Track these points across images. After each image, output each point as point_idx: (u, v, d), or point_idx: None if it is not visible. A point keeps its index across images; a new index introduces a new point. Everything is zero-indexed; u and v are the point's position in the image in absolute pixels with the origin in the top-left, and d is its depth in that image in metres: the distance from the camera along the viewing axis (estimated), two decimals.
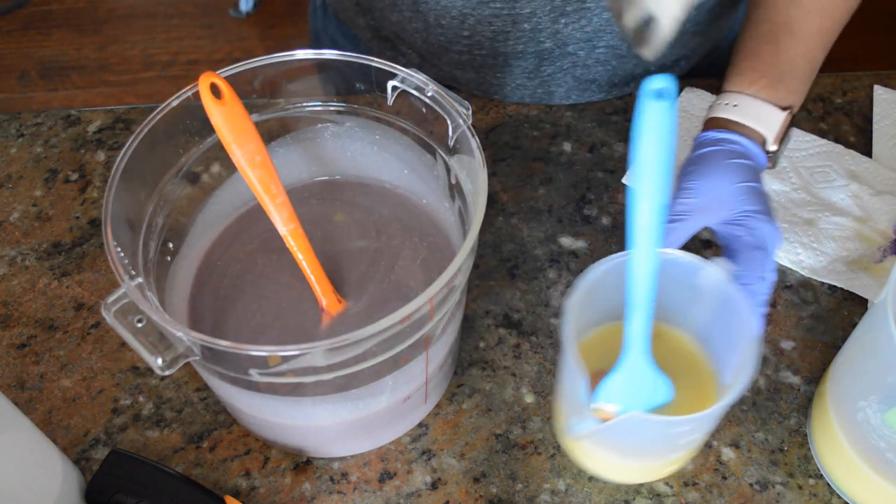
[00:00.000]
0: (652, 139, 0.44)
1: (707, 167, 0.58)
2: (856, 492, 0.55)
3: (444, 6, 0.69)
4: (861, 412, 0.50)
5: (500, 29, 0.70)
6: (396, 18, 0.74)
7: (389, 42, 0.80)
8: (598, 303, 0.53)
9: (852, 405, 0.51)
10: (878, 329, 0.48)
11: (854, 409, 0.51)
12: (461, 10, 0.69)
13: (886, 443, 0.49)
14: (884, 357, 0.47)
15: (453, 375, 0.61)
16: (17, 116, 0.78)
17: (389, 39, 0.80)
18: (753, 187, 0.57)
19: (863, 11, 0.69)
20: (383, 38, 0.80)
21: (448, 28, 0.72)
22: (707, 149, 0.59)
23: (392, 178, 0.61)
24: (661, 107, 0.44)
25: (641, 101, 0.44)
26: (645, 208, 0.46)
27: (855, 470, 0.53)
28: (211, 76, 0.48)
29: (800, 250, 0.67)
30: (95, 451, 0.58)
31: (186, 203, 0.57)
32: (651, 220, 0.46)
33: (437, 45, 0.75)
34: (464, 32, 0.72)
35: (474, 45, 0.73)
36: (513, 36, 0.71)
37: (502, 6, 0.68)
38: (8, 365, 0.62)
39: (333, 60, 0.54)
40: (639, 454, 0.52)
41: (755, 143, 0.60)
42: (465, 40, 0.73)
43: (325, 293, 0.53)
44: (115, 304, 0.43)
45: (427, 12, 0.71)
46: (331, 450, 0.58)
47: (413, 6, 0.71)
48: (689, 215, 0.56)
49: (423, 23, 0.72)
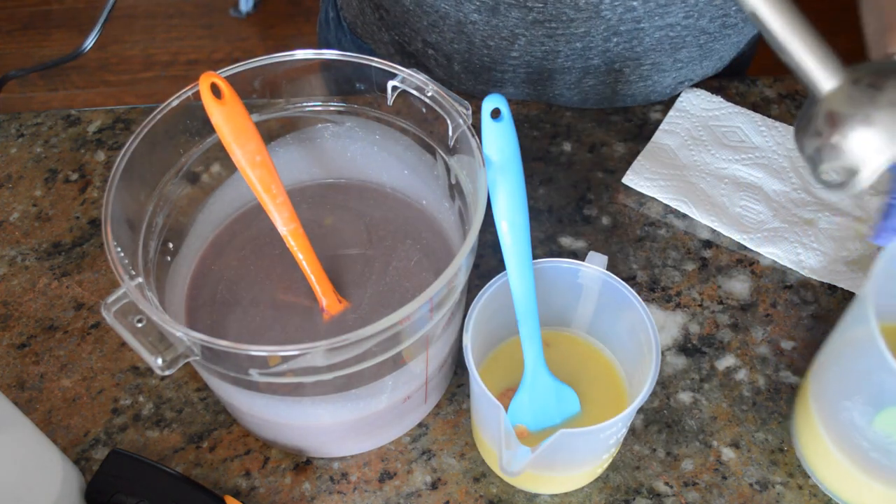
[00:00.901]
0: (496, 159, 0.47)
1: None
2: (838, 488, 0.55)
3: (495, 26, 0.67)
4: (846, 412, 0.50)
5: (551, 49, 0.69)
6: (436, 39, 0.72)
7: (414, 58, 0.78)
8: (497, 321, 0.55)
9: (836, 405, 0.51)
10: (860, 324, 0.47)
11: (838, 409, 0.51)
12: (513, 30, 0.67)
13: (870, 443, 0.49)
14: (867, 355, 0.47)
15: (453, 375, 0.61)
16: (17, 116, 0.78)
17: (415, 55, 0.78)
18: None
19: None
20: (408, 53, 0.78)
21: (496, 49, 0.70)
22: None
23: (392, 178, 0.61)
24: (500, 127, 0.46)
25: (482, 123, 0.46)
26: (504, 228, 0.48)
27: (836, 465, 0.53)
28: (211, 76, 0.48)
29: (800, 250, 0.67)
30: (95, 451, 0.58)
31: (186, 203, 0.57)
32: (513, 238, 0.49)
33: (479, 66, 0.73)
34: (513, 53, 0.70)
35: (521, 64, 0.72)
36: (563, 55, 0.70)
37: (557, 26, 0.66)
38: (8, 365, 0.62)
39: (333, 60, 0.54)
40: (577, 464, 0.53)
41: None
42: (512, 60, 0.71)
43: (325, 293, 0.53)
44: (115, 304, 0.43)
45: (473, 33, 0.69)
46: (331, 450, 0.58)
47: (457, 27, 0.68)
48: None
49: (468, 44, 0.70)
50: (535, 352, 0.53)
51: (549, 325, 0.58)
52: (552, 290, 0.55)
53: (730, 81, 0.79)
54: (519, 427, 0.54)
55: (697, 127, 0.75)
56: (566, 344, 0.59)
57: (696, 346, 0.63)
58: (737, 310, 0.65)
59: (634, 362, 0.54)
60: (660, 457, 0.58)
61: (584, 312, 0.57)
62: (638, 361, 0.53)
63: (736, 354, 0.62)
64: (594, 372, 0.57)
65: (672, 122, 0.75)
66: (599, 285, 0.54)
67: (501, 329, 0.57)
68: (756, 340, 0.63)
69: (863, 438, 0.50)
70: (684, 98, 0.77)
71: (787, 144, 0.74)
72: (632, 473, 0.57)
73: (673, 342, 0.63)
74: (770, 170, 0.72)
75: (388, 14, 0.75)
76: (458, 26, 0.69)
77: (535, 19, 0.66)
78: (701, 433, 0.59)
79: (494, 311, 0.53)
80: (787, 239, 0.68)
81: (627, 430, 0.56)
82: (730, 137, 0.74)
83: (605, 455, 0.53)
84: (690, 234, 0.69)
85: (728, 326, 0.64)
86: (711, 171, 0.72)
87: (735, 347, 0.63)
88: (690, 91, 0.77)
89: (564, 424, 0.54)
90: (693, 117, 0.76)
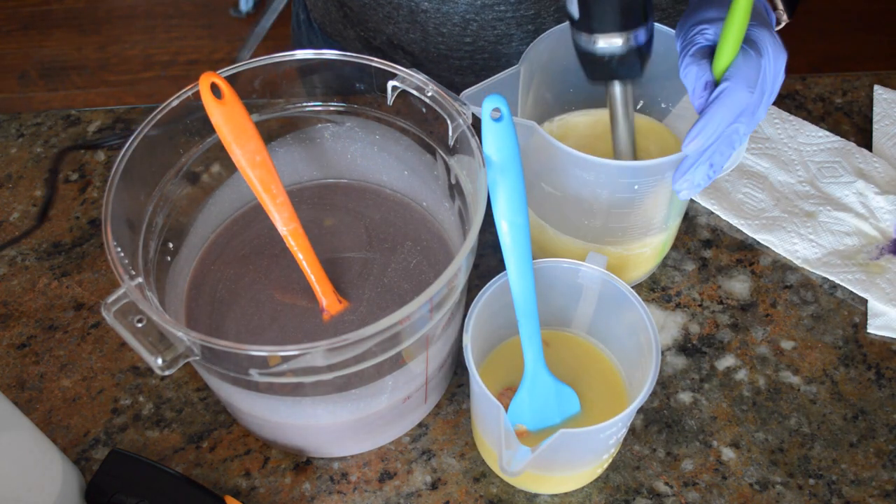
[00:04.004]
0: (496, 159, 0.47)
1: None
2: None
3: (446, 13, 0.68)
4: None
5: (503, 32, 0.70)
6: (392, 30, 0.73)
7: (381, 52, 0.80)
8: (498, 321, 0.55)
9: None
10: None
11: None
12: (463, 16, 0.68)
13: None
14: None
15: (453, 375, 0.61)
16: (17, 116, 0.78)
17: (381, 49, 0.79)
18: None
19: (863, 11, 0.69)
20: (374, 48, 0.80)
21: (449, 36, 0.71)
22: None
23: (391, 178, 0.61)
24: (500, 127, 0.46)
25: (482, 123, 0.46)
26: (504, 228, 0.48)
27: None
28: (211, 76, 0.48)
29: (796, 240, 0.68)
30: (95, 451, 0.58)
31: (186, 203, 0.57)
32: (513, 238, 0.49)
33: (436, 54, 0.74)
34: (466, 39, 0.71)
35: (476, 50, 0.73)
36: (517, 38, 0.71)
37: (506, 9, 0.67)
38: (8, 365, 0.62)
39: (333, 60, 0.54)
40: (577, 464, 0.53)
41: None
42: (466, 46, 0.72)
43: (325, 293, 0.53)
44: (115, 304, 0.43)
45: (426, 22, 0.70)
46: (331, 450, 0.58)
47: (410, 17, 0.70)
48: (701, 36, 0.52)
49: (422, 32, 0.72)
50: (535, 352, 0.53)
51: (549, 325, 0.58)
52: (552, 290, 0.55)
53: None
54: (519, 427, 0.54)
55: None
56: (566, 344, 0.59)
57: (696, 346, 0.63)
58: (737, 310, 0.65)
59: (634, 362, 0.54)
60: (660, 457, 0.58)
61: (584, 312, 0.57)
62: (638, 361, 0.53)
63: (736, 354, 0.62)
64: (594, 372, 0.57)
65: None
66: (599, 285, 0.54)
67: (501, 329, 0.57)
68: (756, 340, 0.63)
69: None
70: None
71: (798, 138, 0.74)
72: (632, 473, 0.57)
73: (673, 342, 0.63)
74: (778, 161, 0.72)
75: (351, 11, 0.77)
76: (411, 16, 0.70)
77: (483, 3, 0.67)
78: (701, 433, 0.59)
79: (494, 311, 0.53)
80: (784, 228, 0.68)
81: (627, 430, 0.56)
82: None
83: (605, 455, 0.53)
84: (690, 234, 0.69)
85: (728, 326, 0.64)
86: None
87: (735, 347, 0.63)
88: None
89: (564, 424, 0.54)
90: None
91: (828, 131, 0.75)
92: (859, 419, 0.59)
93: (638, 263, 0.63)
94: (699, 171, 0.52)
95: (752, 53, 0.50)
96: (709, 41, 0.51)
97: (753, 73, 0.49)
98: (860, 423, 0.59)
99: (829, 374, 0.61)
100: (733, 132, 0.50)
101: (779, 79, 0.51)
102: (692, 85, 0.51)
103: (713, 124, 0.49)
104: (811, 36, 1.84)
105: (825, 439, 0.58)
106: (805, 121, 0.75)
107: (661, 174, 0.54)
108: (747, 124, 0.50)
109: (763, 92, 0.50)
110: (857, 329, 0.64)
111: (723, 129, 0.50)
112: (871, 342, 0.63)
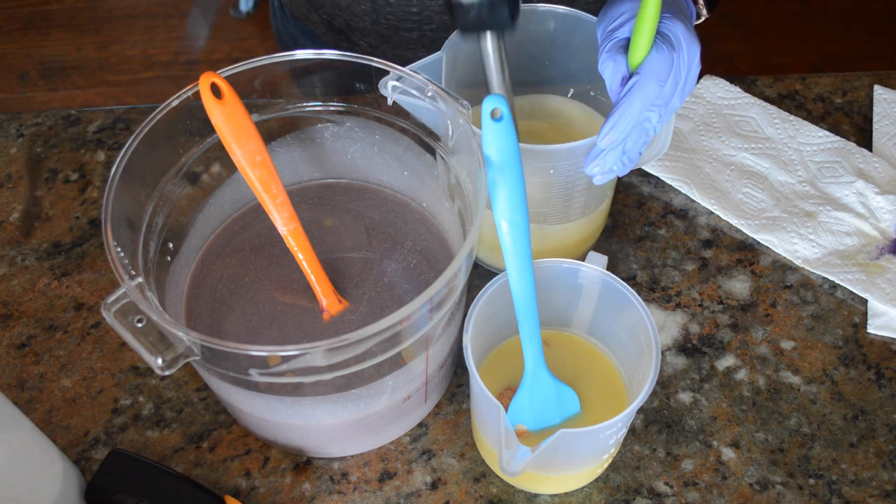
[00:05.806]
0: (496, 159, 0.46)
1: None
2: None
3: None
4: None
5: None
6: (345, 3, 0.74)
7: (343, 34, 0.80)
8: (498, 321, 0.55)
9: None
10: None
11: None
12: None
13: None
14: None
15: (453, 375, 0.61)
16: (17, 116, 0.78)
17: (342, 31, 0.80)
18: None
19: (863, 11, 0.69)
20: (336, 30, 0.80)
21: (396, 6, 0.71)
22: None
23: (391, 178, 0.61)
24: (500, 127, 0.46)
25: (482, 123, 0.45)
26: (504, 228, 0.48)
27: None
28: (211, 76, 0.48)
29: (796, 240, 0.68)
30: (95, 451, 0.58)
31: (186, 203, 0.57)
32: (513, 238, 0.48)
33: (387, 26, 0.74)
34: (412, 9, 0.71)
35: (423, 20, 0.73)
36: None
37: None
38: (8, 365, 0.62)
39: (333, 60, 0.54)
40: (577, 464, 0.53)
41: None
42: (414, 17, 0.72)
43: (325, 293, 0.53)
44: (115, 304, 0.43)
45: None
46: (331, 450, 0.58)
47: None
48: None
49: (371, 4, 0.72)
50: (535, 352, 0.53)
51: (549, 325, 0.58)
52: (552, 290, 0.55)
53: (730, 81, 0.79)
54: (519, 427, 0.54)
55: (711, 114, 0.76)
56: (566, 344, 0.59)
57: (696, 346, 0.63)
58: (737, 310, 0.65)
59: (634, 362, 0.54)
60: (660, 457, 0.58)
61: (584, 312, 0.57)
62: (638, 361, 0.53)
63: (736, 354, 0.63)
64: (594, 372, 0.57)
65: (687, 107, 0.76)
66: (599, 285, 0.54)
67: (501, 329, 0.57)
68: (756, 340, 0.63)
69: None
70: (702, 85, 0.77)
71: (798, 138, 0.74)
72: (632, 473, 0.57)
73: (673, 342, 0.63)
74: (778, 161, 0.72)
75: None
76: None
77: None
78: (701, 433, 0.59)
79: (494, 311, 0.53)
80: (784, 228, 0.68)
81: (627, 430, 0.56)
82: (742, 126, 0.75)
83: (605, 455, 0.53)
84: (690, 234, 0.69)
85: (728, 326, 0.64)
86: (719, 158, 0.73)
87: (735, 347, 0.63)
88: (709, 78, 0.78)
89: (564, 424, 0.54)
90: (708, 104, 0.76)
91: (828, 131, 0.75)
92: (859, 419, 0.59)
93: (564, 248, 0.65)
94: (610, 156, 0.53)
95: (665, 48, 0.51)
96: (625, 35, 0.53)
97: (664, 66, 0.51)
98: (860, 423, 0.59)
99: (829, 374, 0.61)
100: (645, 121, 0.52)
101: (693, 69, 0.53)
102: (609, 80, 0.53)
103: (625, 119, 0.51)
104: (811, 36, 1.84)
105: (825, 439, 0.58)
106: (805, 121, 0.75)
107: (575, 158, 0.55)
108: (660, 114, 0.52)
109: (676, 83, 0.52)
110: (857, 329, 0.64)
111: (635, 122, 0.52)
112: (871, 342, 0.63)
